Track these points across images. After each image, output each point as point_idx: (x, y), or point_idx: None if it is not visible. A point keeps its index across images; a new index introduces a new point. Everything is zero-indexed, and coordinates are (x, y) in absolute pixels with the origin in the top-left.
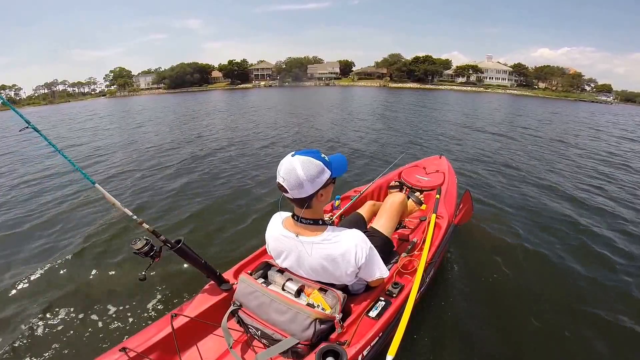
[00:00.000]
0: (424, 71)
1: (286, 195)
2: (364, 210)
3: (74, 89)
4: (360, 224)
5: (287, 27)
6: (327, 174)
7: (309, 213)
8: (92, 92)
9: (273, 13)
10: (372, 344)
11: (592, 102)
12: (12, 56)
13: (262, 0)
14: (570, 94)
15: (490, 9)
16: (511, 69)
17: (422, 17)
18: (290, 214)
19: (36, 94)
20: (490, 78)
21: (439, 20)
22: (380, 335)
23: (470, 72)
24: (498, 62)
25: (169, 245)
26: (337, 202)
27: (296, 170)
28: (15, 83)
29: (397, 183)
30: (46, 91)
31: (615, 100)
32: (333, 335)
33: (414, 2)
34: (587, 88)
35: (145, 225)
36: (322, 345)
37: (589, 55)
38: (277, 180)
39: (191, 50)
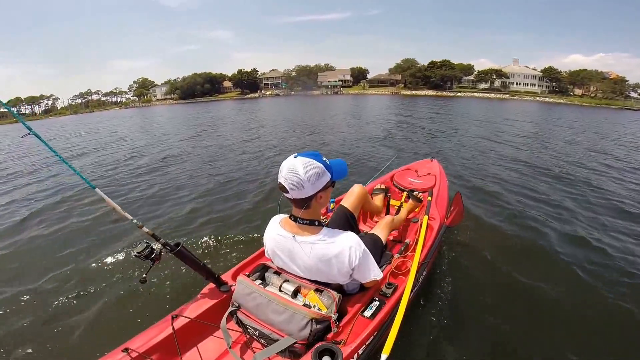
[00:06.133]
0: (441, 77)
1: (286, 195)
2: (348, 202)
3: (107, 98)
4: (344, 216)
5: (311, 37)
6: (327, 176)
7: (306, 214)
8: (124, 101)
9: (297, 24)
10: (367, 343)
11: None
12: (59, 67)
13: (287, 12)
14: (612, 102)
15: (518, 17)
16: (541, 73)
17: (446, 26)
18: (288, 214)
19: (72, 103)
20: (517, 84)
21: (465, 29)
22: (375, 334)
23: (494, 77)
24: (526, 66)
25: (169, 248)
26: (332, 205)
27: (298, 171)
28: (52, 93)
29: (382, 187)
30: (80, 101)
31: None
32: (329, 335)
33: (436, 11)
34: (634, 95)
35: (145, 229)
36: (319, 344)
37: (625, 61)
38: (279, 181)
39: (221, 60)
